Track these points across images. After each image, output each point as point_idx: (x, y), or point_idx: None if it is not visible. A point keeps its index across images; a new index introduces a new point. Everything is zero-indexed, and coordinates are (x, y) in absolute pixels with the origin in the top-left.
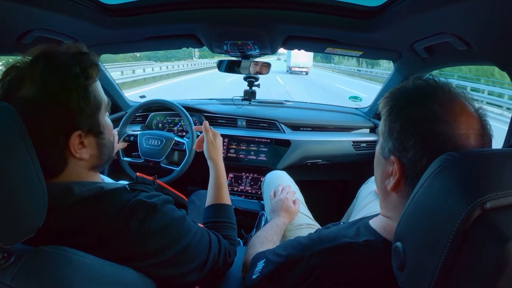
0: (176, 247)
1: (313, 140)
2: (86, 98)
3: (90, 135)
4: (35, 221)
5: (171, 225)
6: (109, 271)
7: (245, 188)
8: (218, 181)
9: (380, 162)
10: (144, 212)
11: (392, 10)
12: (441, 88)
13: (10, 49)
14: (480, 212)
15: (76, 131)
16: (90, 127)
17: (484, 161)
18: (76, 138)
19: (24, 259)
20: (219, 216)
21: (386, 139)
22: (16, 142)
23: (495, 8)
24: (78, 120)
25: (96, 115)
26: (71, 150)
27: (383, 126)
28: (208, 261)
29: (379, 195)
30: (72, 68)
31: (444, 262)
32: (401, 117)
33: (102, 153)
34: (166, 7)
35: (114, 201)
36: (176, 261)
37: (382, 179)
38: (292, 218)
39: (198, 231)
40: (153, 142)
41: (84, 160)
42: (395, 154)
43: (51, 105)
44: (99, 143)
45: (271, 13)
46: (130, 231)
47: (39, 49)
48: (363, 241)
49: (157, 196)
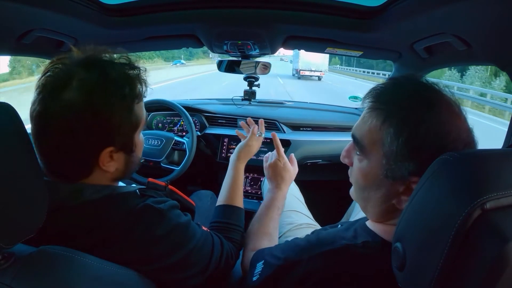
0: (180, 252)
1: (313, 140)
2: (128, 118)
3: (121, 152)
4: (35, 222)
5: (176, 231)
6: (110, 271)
7: (245, 188)
8: (236, 182)
9: (380, 183)
10: (150, 218)
11: (392, 10)
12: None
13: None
14: (480, 212)
15: (109, 147)
16: (123, 145)
17: (484, 161)
18: (107, 153)
19: (24, 259)
20: (228, 218)
21: (400, 159)
22: (16, 142)
23: (495, 8)
24: (114, 137)
25: (132, 134)
26: (99, 163)
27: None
28: (210, 265)
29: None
30: (122, 87)
31: (444, 262)
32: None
33: (128, 169)
34: (166, 7)
35: (123, 205)
36: (179, 266)
37: (385, 199)
38: (292, 179)
39: (202, 236)
40: (153, 142)
41: (109, 173)
42: (415, 173)
43: (92, 118)
44: (128, 160)
45: (271, 13)
46: (136, 236)
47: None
48: (361, 242)
49: (165, 201)
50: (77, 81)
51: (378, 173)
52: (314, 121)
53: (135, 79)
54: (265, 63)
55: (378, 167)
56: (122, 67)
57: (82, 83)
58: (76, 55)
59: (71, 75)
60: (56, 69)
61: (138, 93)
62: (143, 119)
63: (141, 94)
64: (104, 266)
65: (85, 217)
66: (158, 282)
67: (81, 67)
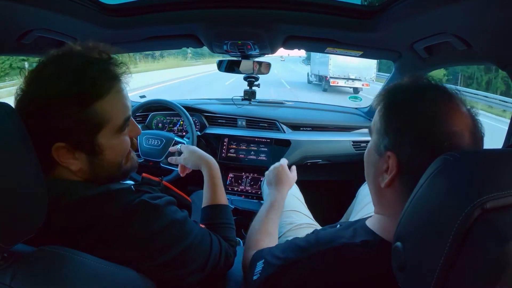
0: (178, 248)
1: (313, 140)
2: (82, 117)
3: (81, 152)
4: (35, 221)
5: (173, 226)
6: (110, 271)
7: (245, 188)
8: (213, 181)
9: (373, 159)
10: (147, 213)
11: (392, 10)
12: (437, 87)
13: (10, 49)
14: (480, 212)
15: (59, 143)
16: (79, 144)
17: (484, 161)
18: (60, 149)
19: (24, 259)
20: (216, 218)
21: (382, 136)
22: (15, 141)
23: (495, 8)
24: (66, 134)
25: (92, 134)
26: (54, 157)
27: (378, 122)
28: (209, 262)
29: (371, 193)
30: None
31: (444, 262)
32: (399, 114)
33: (96, 173)
34: (166, 7)
35: (119, 201)
36: (178, 262)
37: (375, 176)
38: (291, 186)
39: (200, 232)
40: (153, 142)
41: (73, 172)
42: (392, 150)
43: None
44: (92, 162)
45: (271, 13)
46: (132, 232)
47: (69, 49)
48: (360, 241)
49: (160, 197)
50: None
51: (372, 149)
52: (314, 121)
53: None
54: (265, 62)
55: (373, 143)
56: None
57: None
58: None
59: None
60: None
61: (100, 90)
62: (112, 120)
63: (107, 91)
64: (104, 265)
65: (82, 213)
66: (158, 281)
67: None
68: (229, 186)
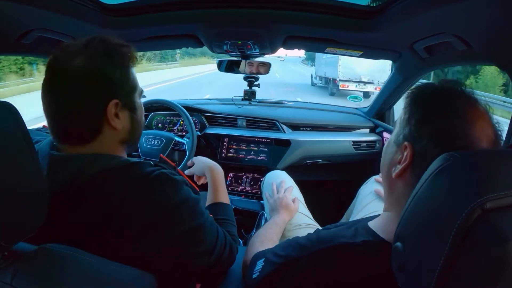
0: (192, 223)
1: (313, 140)
2: (127, 76)
3: (125, 110)
4: (36, 220)
5: (189, 202)
6: (111, 270)
7: (245, 188)
8: (215, 183)
9: (390, 150)
10: (166, 184)
11: (392, 10)
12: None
13: (10, 49)
14: (480, 213)
15: (114, 99)
16: (126, 102)
17: (484, 161)
18: (113, 107)
19: (25, 258)
20: (218, 214)
21: (404, 126)
22: (17, 141)
23: (495, 8)
24: (118, 92)
25: (133, 94)
26: (108, 116)
27: (403, 113)
28: (216, 248)
29: (383, 186)
30: (119, 50)
31: (444, 263)
32: (423, 107)
33: (134, 129)
34: (166, 7)
35: (139, 171)
36: (190, 238)
37: (389, 166)
38: (292, 216)
39: (209, 217)
40: (153, 142)
41: (117, 132)
42: (409, 140)
43: (98, 74)
44: (133, 118)
45: (271, 13)
46: (153, 200)
47: (92, 36)
48: (361, 241)
49: (177, 175)
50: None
51: (392, 140)
52: (314, 121)
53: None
54: (265, 62)
55: (394, 134)
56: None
57: (85, 52)
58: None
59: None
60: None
61: (132, 57)
62: (139, 85)
63: (135, 61)
64: (105, 264)
65: (104, 183)
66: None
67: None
68: (229, 186)
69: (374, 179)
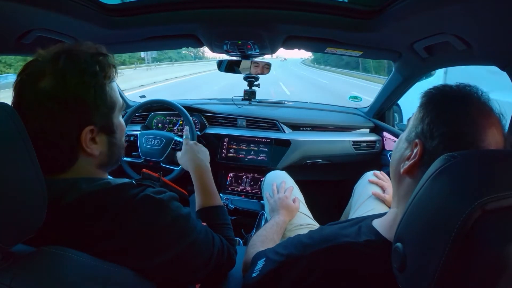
0: (183, 243)
1: (313, 140)
2: (103, 97)
3: (102, 133)
4: (35, 222)
5: (178, 221)
6: (109, 271)
7: (245, 188)
8: (201, 184)
9: (401, 146)
10: (151, 208)
11: (392, 10)
12: (484, 100)
13: (10, 49)
14: (480, 213)
15: (89, 126)
16: (103, 125)
17: (485, 162)
18: (88, 133)
19: (24, 259)
20: (212, 219)
21: (417, 124)
22: (15, 142)
23: (495, 8)
24: (93, 116)
25: (110, 115)
26: (82, 144)
27: (417, 112)
28: (213, 257)
29: (392, 182)
30: (92, 66)
31: (444, 263)
32: (439, 108)
33: (113, 152)
34: (166, 7)
35: (122, 195)
36: (183, 258)
37: (398, 162)
38: (293, 216)
39: (202, 228)
40: (153, 142)
41: (94, 157)
42: (421, 138)
43: (68, 99)
44: (111, 141)
45: (271, 13)
46: (138, 227)
47: (60, 46)
48: (363, 241)
49: (164, 192)
50: (49, 72)
51: (404, 137)
52: (314, 121)
53: (103, 60)
54: (266, 63)
55: (406, 131)
56: (88, 51)
57: (52, 70)
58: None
59: (43, 69)
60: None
61: (108, 73)
62: (119, 101)
63: (112, 75)
64: (103, 265)
65: (85, 211)
66: (161, 281)
67: (50, 61)
68: (229, 186)
69: (367, 175)
